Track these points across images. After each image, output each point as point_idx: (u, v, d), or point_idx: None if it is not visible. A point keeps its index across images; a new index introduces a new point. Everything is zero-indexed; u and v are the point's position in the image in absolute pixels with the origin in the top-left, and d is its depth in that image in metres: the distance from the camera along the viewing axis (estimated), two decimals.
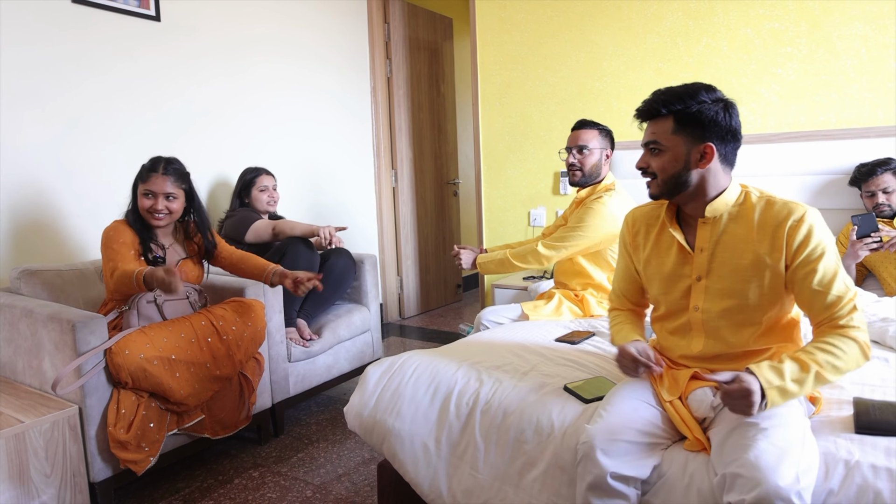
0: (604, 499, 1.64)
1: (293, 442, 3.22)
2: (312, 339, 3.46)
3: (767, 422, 1.54)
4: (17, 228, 3.08)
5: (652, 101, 1.80)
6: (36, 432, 2.33)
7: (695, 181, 1.80)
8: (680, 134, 1.77)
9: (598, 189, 3.08)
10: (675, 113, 1.76)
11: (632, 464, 1.64)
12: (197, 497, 2.72)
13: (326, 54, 4.84)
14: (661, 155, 1.80)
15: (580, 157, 3.04)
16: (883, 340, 2.40)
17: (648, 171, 1.85)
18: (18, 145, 3.07)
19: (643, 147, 1.86)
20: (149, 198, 2.72)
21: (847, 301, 1.66)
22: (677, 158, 1.78)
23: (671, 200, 1.90)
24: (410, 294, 5.83)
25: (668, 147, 1.79)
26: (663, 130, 1.79)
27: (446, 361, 2.30)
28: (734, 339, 1.82)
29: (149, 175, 2.72)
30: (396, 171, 5.56)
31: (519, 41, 4.66)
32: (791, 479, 1.39)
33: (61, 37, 3.20)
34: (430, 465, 2.08)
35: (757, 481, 1.39)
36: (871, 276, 3.24)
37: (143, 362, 2.45)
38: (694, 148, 1.76)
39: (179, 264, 2.85)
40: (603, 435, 1.67)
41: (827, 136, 3.57)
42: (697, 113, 1.74)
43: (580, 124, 3.09)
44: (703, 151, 1.76)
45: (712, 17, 3.90)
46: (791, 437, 1.50)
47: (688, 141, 1.77)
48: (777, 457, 1.43)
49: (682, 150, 1.77)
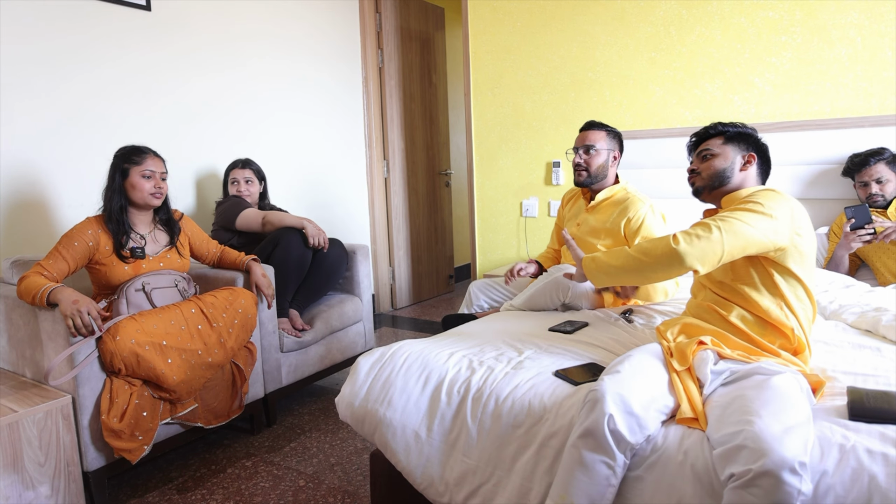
0: (592, 451, 1.63)
1: (286, 432, 3.21)
2: (304, 330, 3.45)
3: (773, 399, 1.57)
4: (9, 219, 3.06)
5: (707, 128, 2.26)
6: (29, 422, 2.31)
7: (734, 181, 2.15)
8: (729, 145, 2.17)
9: (619, 194, 3.07)
10: (723, 133, 2.20)
11: (633, 423, 1.64)
12: (190, 486, 2.71)
13: (317, 45, 4.82)
14: (713, 158, 2.17)
15: (587, 157, 3.05)
16: (876, 330, 2.40)
17: (696, 172, 2.21)
18: (10, 137, 3.05)
19: (695, 157, 2.24)
20: (149, 179, 2.75)
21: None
22: (725, 160, 2.15)
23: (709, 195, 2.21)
24: (402, 285, 5.82)
25: (715, 153, 2.17)
26: (715, 143, 2.19)
27: (437, 350, 2.30)
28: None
29: (142, 157, 2.75)
30: (388, 162, 5.55)
31: (511, 31, 4.65)
32: (797, 451, 1.39)
33: (52, 27, 3.17)
34: (423, 454, 2.08)
35: (762, 451, 1.39)
36: (864, 266, 3.25)
37: (136, 347, 2.44)
38: (738, 155, 2.15)
39: (162, 253, 2.87)
40: (616, 385, 1.69)
41: (821, 125, 3.57)
42: (747, 136, 2.18)
43: (588, 125, 3.11)
44: (746, 159, 2.15)
45: (706, 5, 3.89)
46: (795, 415, 1.52)
47: (735, 150, 2.16)
48: (782, 429, 1.44)
49: (729, 155, 2.16)
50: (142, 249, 2.78)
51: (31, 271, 2.52)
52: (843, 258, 3.10)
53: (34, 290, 2.42)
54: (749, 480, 1.39)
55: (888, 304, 2.57)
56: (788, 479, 1.36)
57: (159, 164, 2.82)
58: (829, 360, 2.13)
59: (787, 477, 1.36)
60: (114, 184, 2.75)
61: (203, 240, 3.13)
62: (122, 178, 2.75)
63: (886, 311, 2.45)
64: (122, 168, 2.75)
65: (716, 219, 1.90)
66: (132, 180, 2.74)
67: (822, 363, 2.10)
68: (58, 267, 2.57)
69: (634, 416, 1.65)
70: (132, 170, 2.74)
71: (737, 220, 1.88)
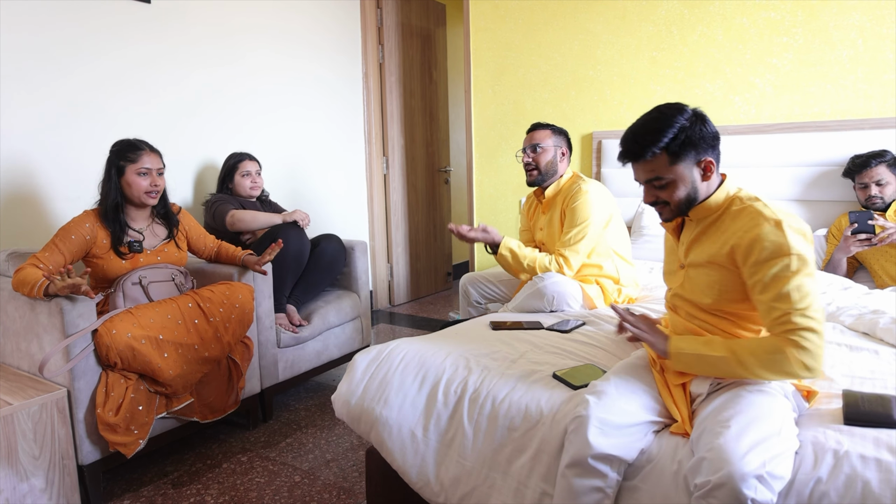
0: (582, 477, 1.64)
1: (282, 427, 3.21)
2: (302, 325, 3.44)
3: (745, 411, 1.57)
4: (5, 211, 3.05)
5: (636, 145, 1.81)
6: (24, 415, 2.31)
7: (703, 192, 1.84)
8: (678, 163, 1.79)
9: (565, 184, 3.14)
10: (665, 148, 1.78)
11: (622, 443, 1.65)
12: (185, 480, 2.71)
13: (318, 40, 4.81)
14: (669, 186, 1.83)
15: (534, 155, 3.14)
16: (873, 332, 2.40)
17: (659, 202, 1.87)
18: (8, 129, 3.04)
19: (643, 184, 1.88)
20: (145, 176, 2.74)
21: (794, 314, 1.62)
22: (685, 183, 1.81)
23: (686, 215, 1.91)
24: (400, 281, 5.82)
25: (673, 178, 1.81)
26: (660, 165, 1.81)
27: (434, 350, 2.29)
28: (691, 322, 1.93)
29: (138, 154, 2.73)
30: (388, 158, 5.54)
31: (512, 28, 4.64)
32: (756, 465, 1.40)
33: (51, 20, 3.16)
34: (418, 454, 2.08)
35: (722, 463, 1.42)
36: (862, 269, 3.24)
37: (131, 341, 2.43)
38: (696, 168, 1.81)
39: (160, 246, 2.86)
40: (600, 409, 1.68)
41: (821, 127, 3.57)
42: (686, 140, 1.77)
43: (533, 126, 3.23)
44: (703, 168, 1.81)
45: (708, 5, 3.88)
46: (766, 428, 1.51)
47: (688, 165, 1.80)
48: (747, 443, 1.45)
49: (687, 174, 1.81)
50: (139, 244, 2.77)
51: (27, 263, 2.52)
52: (842, 261, 3.10)
53: (31, 282, 2.41)
54: (708, 491, 1.42)
55: (886, 306, 2.57)
56: (745, 491, 1.38)
57: (156, 159, 2.79)
58: (825, 361, 2.12)
59: (744, 489, 1.38)
60: (110, 180, 2.73)
61: (200, 234, 3.12)
62: (118, 175, 2.73)
63: (884, 314, 2.45)
64: (118, 165, 2.73)
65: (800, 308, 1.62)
66: (128, 178, 2.73)
67: None
68: (54, 259, 2.56)
69: (622, 435, 1.66)
70: (128, 168, 2.72)
71: (813, 299, 1.63)
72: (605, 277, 3.03)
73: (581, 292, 2.92)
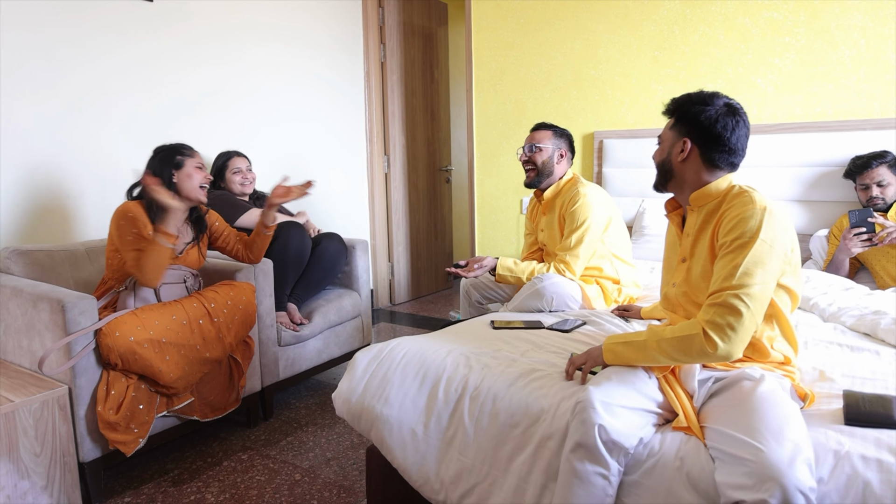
0: (586, 462, 1.63)
1: (282, 425, 3.21)
2: (303, 324, 3.45)
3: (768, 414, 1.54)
4: (7, 209, 3.05)
5: (670, 102, 1.97)
6: (26, 411, 2.31)
7: (677, 173, 1.95)
8: (673, 129, 1.95)
9: (564, 185, 3.15)
10: (676, 112, 1.94)
11: (624, 424, 1.64)
12: (186, 478, 2.71)
13: (320, 38, 4.81)
14: (659, 147, 2.00)
15: (531, 154, 3.15)
16: (874, 333, 2.40)
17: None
18: (11, 127, 3.04)
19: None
20: (201, 170, 2.79)
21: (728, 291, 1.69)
22: (663, 150, 1.98)
23: (665, 189, 2.04)
24: (401, 280, 5.82)
25: (662, 139, 1.99)
26: (666, 126, 1.99)
27: (435, 348, 2.29)
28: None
29: (191, 151, 2.80)
30: (389, 157, 5.54)
31: (514, 27, 4.64)
32: (807, 475, 1.38)
33: (53, 18, 3.16)
34: (419, 451, 2.08)
35: (774, 481, 1.37)
36: (863, 270, 3.24)
37: (134, 345, 2.43)
38: (677, 142, 1.93)
39: (185, 249, 2.83)
40: (601, 393, 1.68)
41: (823, 127, 3.57)
42: (692, 114, 1.89)
43: (536, 127, 3.23)
44: (682, 147, 1.91)
45: (710, 5, 3.88)
46: (797, 428, 1.50)
47: (675, 136, 1.94)
48: (790, 454, 1.41)
49: (669, 143, 1.96)
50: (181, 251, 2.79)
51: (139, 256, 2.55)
52: (844, 262, 3.10)
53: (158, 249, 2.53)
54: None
55: (887, 307, 2.57)
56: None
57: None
58: (827, 362, 2.13)
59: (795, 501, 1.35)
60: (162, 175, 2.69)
61: (230, 234, 3.06)
62: (176, 169, 2.72)
63: (885, 315, 2.45)
64: (175, 161, 2.72)
65: (737, 291, 1.67)
66: (188, 170, 2.73)
67: (820, 365, 2.10)
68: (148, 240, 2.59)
69: (624, 421, 1.65)
70: (186, 161, 2.73)
71: (756, 284, 1.68)
72: (605, 279, 3.04)
73: (581, 292, 2.92)
